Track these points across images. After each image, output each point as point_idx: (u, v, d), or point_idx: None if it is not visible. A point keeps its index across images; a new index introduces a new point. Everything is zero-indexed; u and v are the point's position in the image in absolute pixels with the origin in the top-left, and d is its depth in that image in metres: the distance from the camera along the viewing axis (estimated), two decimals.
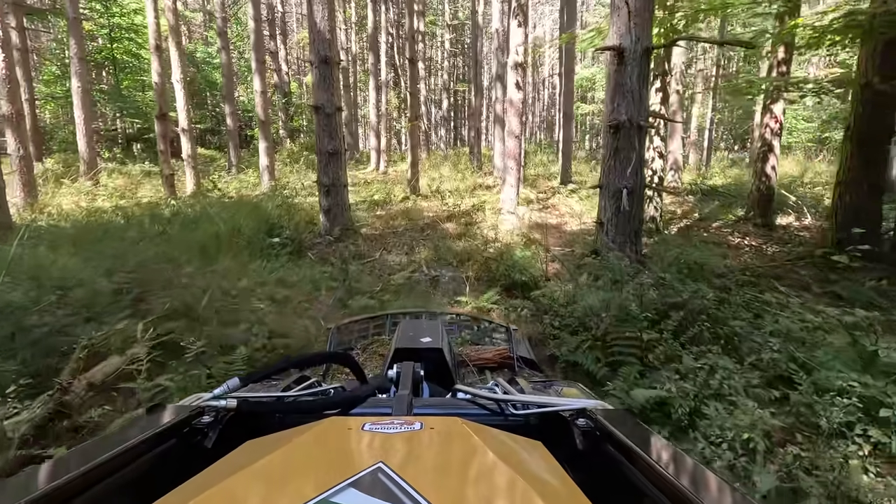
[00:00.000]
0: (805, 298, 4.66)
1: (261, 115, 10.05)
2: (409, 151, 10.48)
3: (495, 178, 13.99)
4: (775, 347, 2.89)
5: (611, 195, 4.80)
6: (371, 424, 0.56)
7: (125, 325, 3.20)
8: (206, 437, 0.65)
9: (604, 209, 4.93)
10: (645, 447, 0.55)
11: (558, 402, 0.73)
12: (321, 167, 6.33)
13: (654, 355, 2.97)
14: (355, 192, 10.88)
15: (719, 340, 3.07)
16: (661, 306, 3.37)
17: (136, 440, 0.55)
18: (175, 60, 9.62)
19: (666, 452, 0.55)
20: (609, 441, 0.61)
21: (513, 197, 8.66)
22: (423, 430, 0.55)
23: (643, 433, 0.61)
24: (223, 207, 8.08)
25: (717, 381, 2.59)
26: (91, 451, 0.52)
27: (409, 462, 0.47)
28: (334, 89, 6.14)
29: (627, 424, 0.64)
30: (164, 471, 0.55)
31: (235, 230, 6.24)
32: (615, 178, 4.73)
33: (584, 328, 3.45)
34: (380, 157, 16.12)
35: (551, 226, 7.84)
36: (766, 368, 2.84)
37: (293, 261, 5.86)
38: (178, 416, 0.64)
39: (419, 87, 22.64)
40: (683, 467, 0.52)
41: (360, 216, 8.64)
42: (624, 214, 4.75)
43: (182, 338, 3.14)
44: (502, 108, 14.35)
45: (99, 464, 0.49)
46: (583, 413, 0.70)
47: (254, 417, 0.72)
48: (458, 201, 9.28)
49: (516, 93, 8.34)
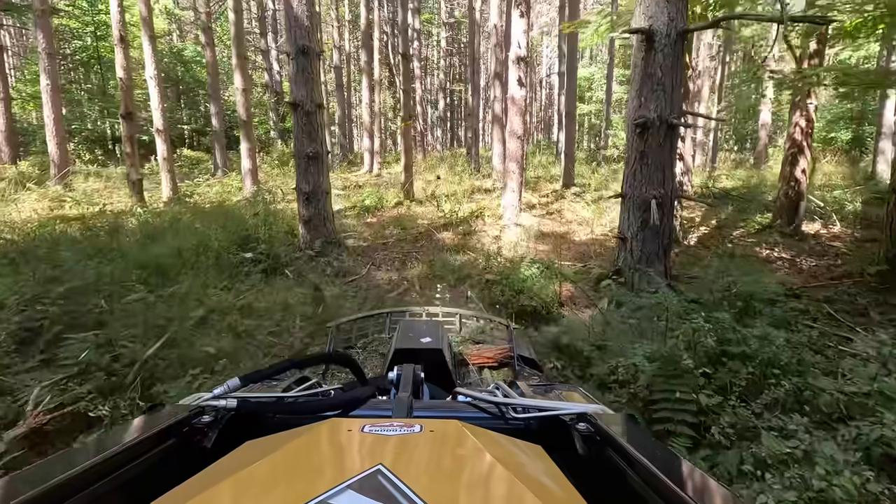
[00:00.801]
0: (862, 325, 3.93)
1: (242, 114, 9.23)
2: (403, 153, 9.69)
3: (494, 181, 13.24)
4: (884, 418, 2.12)
5: (636, 206, 4.03)
6: (371, 426, 0.56)
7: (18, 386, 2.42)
8: (205, 436, 0.64)
9: (627, 222, 4.16)
10: (646, 453, 0.54)
11: (559, 407, 0.71)
12: (300, 172, 5.53)
13: (720, 428, 2.20)
14: (345, 197, 10.09)
15: (802, 406, 2.30)
16: (718, 354, 2.60)
17: (136, 439, 0.55)
18: (148, 55, 8.78)
19: (667, 458, 0.54)
20: (610, 446, 0.60)
21: (515, 203, 7.89)
22: (423, 433, 0.55)
23: (644, 439, 0.60)
24: (197, 216, 7.28)
25: (819, 479, 1.82)
26: (91, 449, 0.52)
27: (409, 465, 0.47)
28: (315, 83, 5.36)
29: (628, 429, 0.62)
30: (164, 470, 0.55)
31: (204, 244, 5.46)
32: (642, 187, 3.96)
33: (617, 382, 2.68)
34: (373, 159, 15.32)
35: (558, 235, 7.07)
36: (870, 446, 2.09)
37: (267, 280, 5.07)
38: (178, 416, 0.63)
39: (414, 86, 21.85)
40: (684, 474, 0.51)
41: (347, 224, 7.85)
42: (651, 229, 3.98)
43: (93, 406, 2.36)
44: (502, 108, 13.59)
45: (98, 462, 0.49)
46: (584, 418, 0.68)
47: (254, 418, 0.71)
48: (455, 207, 8.51)
49: (518, 90, 7.57)
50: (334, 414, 0.70)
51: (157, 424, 0.60)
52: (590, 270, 5.17)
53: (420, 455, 0.51)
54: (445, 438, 0.55)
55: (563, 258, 5.88)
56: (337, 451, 0.53)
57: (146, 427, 0.59)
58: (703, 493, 0.46)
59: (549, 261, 5.50)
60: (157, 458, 0.57)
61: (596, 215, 8.26)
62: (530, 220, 7.87)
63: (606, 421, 0.65)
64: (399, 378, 0.91)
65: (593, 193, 11.47)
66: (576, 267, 5.33)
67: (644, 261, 4.02)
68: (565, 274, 4.50)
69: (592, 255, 5.90)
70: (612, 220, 7.82)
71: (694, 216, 8.67)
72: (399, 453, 0.49)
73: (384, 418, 0.62)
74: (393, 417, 0.68)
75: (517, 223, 7.64)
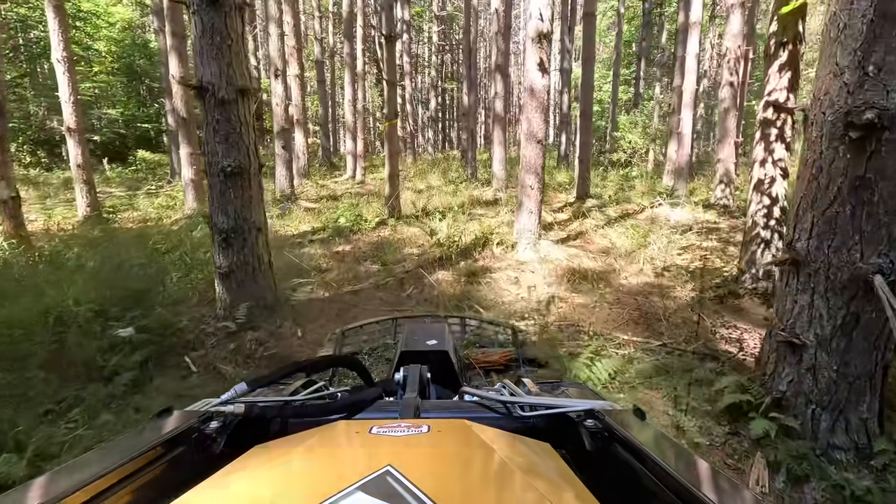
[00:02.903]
0: None
1: (181, 109, 7.04)
2: (387, 160, 7.60)
3: (495, 191, 11.18)
4: None
5: (833, 285, 2.00)
6: (378, 428, 0.55)
7: None
8: (214, 442, 0.62)
9: (807, 312, 2.11)
10: (654, 448, 0.52)
11: (566, 404, 0.68)
12: (214, 197, 3.39)
13: None
14: (315, 214, 7.94)
15: None
16: None
17: (144, 447, 0.52)
18: (55, 31, 6.55)
19: (675, 453, 0.52)
20: (618, 442, 0.58)
21: (533, 227, 5.84)
22: (431, 433, 0.54)
23: (652, 434, 0.58)
24: (92, 250, 5.10)
25: None
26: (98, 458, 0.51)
27: (417, 465, 0.45)
28: (234, 56, 3.25)
29: (636, 425, 0.60)
30: (173, 477, 0.54)
31: (60, 309, 3.33)
32: (849, 247, 1.93)
33: None
34: (356, 164, 13.17)
35: (597, 275, 5.04)
36: None
37: (145, 383, 2.96)
38: (187, 422, 0.61)
39: (403, 83, 19.67)
40: (693, 468, 0.49)
41: (310, 256, 5.73)
42: (863, 331, 1.96)
43: None
44: (503, 105, 11.51)
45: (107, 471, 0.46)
46: (591, 414, 0.66)
47: (261, 422, 0.68)
48: (453, 231, 6.44)
49: (539, 77, 5.52)
50: (342, 416, 0.68)
51: (165, 431, 0.57)
52: (674, 353, 3.11)
53: (428, 455, 0.50)
54: (453, 438, 0.54)
55: (619, 325, 3.83)
56: (345, 453, 0.53)
57: (154, 434, 0.56)
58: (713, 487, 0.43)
59: (606, 338, 3.45)
60: (167, 465, 0.54)
61: (636, 242, 6.24)
62: (555, 250, 5.82)
63: (614, 417, 0.63)
64: (405, 379, 0.88)
65: (615, 206, 9.47)
66: (650, 350, 3.28)
67: (842, 389, 1.98)
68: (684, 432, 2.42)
69: (662, 318, 3.87)
70: (660, 251, 5.82)
71: None
72: (407, 454, 0.48)
73: (391, 419, 0.61)
74: (400, 418, 0.65)
75: (539, 257, 5.60)
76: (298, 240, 6.63)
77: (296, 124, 12.19)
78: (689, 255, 5.80)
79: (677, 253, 5.88)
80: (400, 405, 0.72)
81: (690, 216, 8.44)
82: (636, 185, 12.08)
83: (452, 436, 0.54)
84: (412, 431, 0.53)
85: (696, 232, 6.65)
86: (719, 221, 8.03)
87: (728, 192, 8.72)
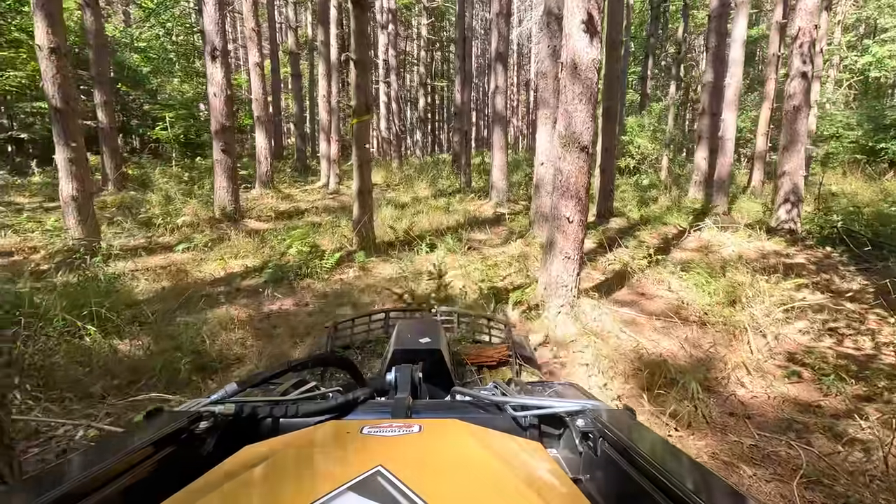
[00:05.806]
0: None
1: (54, 95, 4.72)
2: (356, 171, 5.36)
3: (495, 205, 9.02)
4: None
5: None
6: (370, 428, 0.54)
7: None
8: (204, 442, 0.61)
9: None
10: (645, 447, 0.50)
11: (557, 403, 0.66)
12: None
13: None
14: (258, 243, 5.64)
15: None
16: None
17: (134, 447, 0.51)
18: None
19: (665, 452, 0.51)
20: (608, 441, 0.56)
21: (570, 281, 3.66)
22: (422, 433, 0.53)
23: (642, 433, 0.56)
24: None
25: None
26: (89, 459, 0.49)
27: (409, 465, 0.44)
28: None
29: (626, 424, 0.59)
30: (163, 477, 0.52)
31: None
32: None
33: None
34: (331, 169, 10.88)
35: (688, 371, 2.88)
36: None
37: None
38: (177, 423, 0.59)
39: (389, 79, 17.39)
40: (683, 467, 0.47)
41: (220, 323, 3.46)
42: None
43: None
44: (503, 101, 9.36)
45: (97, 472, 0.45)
46: (581, 413, 0.64)
47: (252, 422, 0.66)
48: (447, 277, 4.24)
49: (586, 43, 3.34)
50: (333, 416, 0.66)
51: (155, 432, 0.55)
52: None
53: (419, 455, 0.49)
54: (444, 438, 0.53)
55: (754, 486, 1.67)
56: (336, 453, 0.51)
57: (144, 434, 0.54)
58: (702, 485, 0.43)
59: None
60: (157, 466, 0.52)
61: (717, 298, 4.10)
62: (604, 317, 3.65)
63: (605, 416, 0.61)
64: (397, 379, 0.85)
65: (648, 229, 7.34)
66: None
67: None
68: None
69: (839, 475, 1.71)
70: (765, 319, 3.67)
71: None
72: (398, 454, 0.47)
73: (383, 419, 0.60)
74: (392, 418, 0.64)
75: (582, 329, 3.42)
76: (220, 287, 4.37)
77: (256, 122, 9.89)
78: (807, 324, 3.69)
79: (784, 317, 3.76)
80: (391, 405, 0.70)
81: (749, 244, 6.37)
82: (657, 197, 10.02)
83: (444, 436, 0.53)
84: (403, 431, 0.52)
85: (793, 277, 4.52)
86: (792, 253, 5.98)
87: (795, 213, 6.67)
